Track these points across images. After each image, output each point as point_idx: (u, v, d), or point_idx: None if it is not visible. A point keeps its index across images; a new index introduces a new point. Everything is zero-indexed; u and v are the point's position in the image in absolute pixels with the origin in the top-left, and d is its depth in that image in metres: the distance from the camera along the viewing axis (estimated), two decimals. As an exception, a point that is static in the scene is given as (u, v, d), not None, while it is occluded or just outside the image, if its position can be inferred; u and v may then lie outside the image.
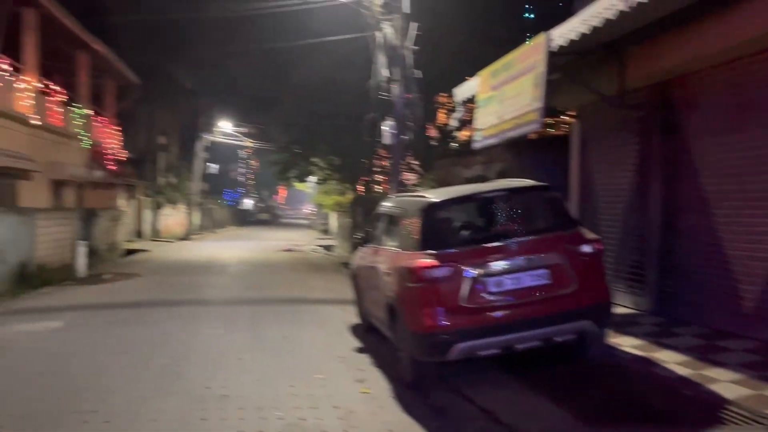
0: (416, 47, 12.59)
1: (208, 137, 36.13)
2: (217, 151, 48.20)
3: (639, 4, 5.34)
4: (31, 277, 12.37)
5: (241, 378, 6.02)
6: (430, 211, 5.71)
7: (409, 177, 20.29)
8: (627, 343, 6.27)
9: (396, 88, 12.70)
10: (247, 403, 5.23)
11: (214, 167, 53.87)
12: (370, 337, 7.63)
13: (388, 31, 12.73)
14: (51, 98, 18.50)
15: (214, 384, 5.79)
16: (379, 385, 5.74)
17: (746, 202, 6.12)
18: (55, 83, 19.20)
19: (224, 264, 18.44)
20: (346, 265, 9.32)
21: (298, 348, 7.26)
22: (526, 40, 7.90)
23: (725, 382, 4.94)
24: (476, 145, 9.14)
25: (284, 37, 18.01)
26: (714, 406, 4.57)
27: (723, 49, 5.90)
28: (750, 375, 5.02)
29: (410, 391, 5.46)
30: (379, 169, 23.21)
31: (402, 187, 14.17)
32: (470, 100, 9.92)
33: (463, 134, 18.57)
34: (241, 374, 6.16)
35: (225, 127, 37.73)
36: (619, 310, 7.59)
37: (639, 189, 7.80)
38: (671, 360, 5.62)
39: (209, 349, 7.23)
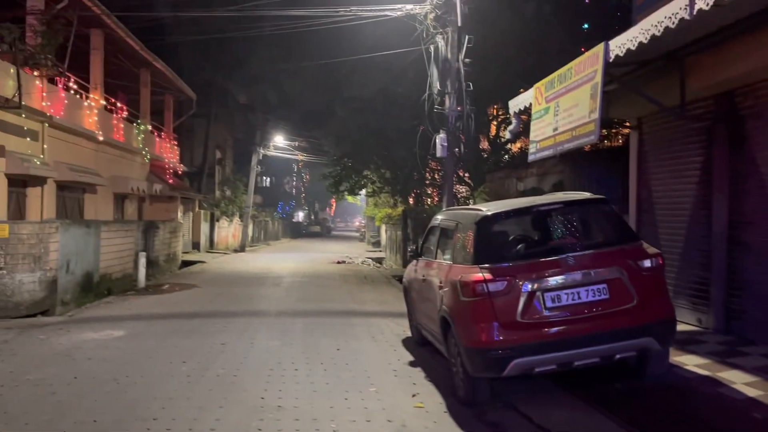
0: (469, 60, 12.57)
1: (262, 151, 36.92)
2: (270, 165, 49.19)
3: (700, 11, 5.19)
4: (95, 287, 12.87)
5: (296, 389, 6.08)
6: (484, 224, 5.66)
7: (461, 190, 20.21)
8: (690, 362, 6.04)
9: (448, 101, 12.70)
10: (302, 414, 5.27)
11: (267, 180, 54.96)
12: (422, 350, 7.59)
13: (440, 44, 12.77)
14: (115, 114, 19.32)
15: (269, 394, 5.87)
16: (432, 399, 5.70)
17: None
18: (118, 100, 20.06)
19: (278, 275, 18.72)
20: (399, 279, 9.32)
21: (351, 360, 7.28)
22: (580, 51, 7.77)
23: (800, 406, 4.69)
24: (531, 158, 9.02)
25: (338, 52, 18.30)
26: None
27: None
28: (826, 398, 4.75)
29: (464, 407, 5.40)
30: (429, 182, 23.21)
31: (454, 199, 14.11)
32: (524, 112, 9.82)
33: (516, 146, 18.41)
34: (296, 385, 6.22)
35: (278, 141, 38.50)
36: (681, 327, 7.31)
37: (702, 202, 7.54)
38: (739, 380, 5.38)
39: (264, 360, 7.34)
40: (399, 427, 4.98)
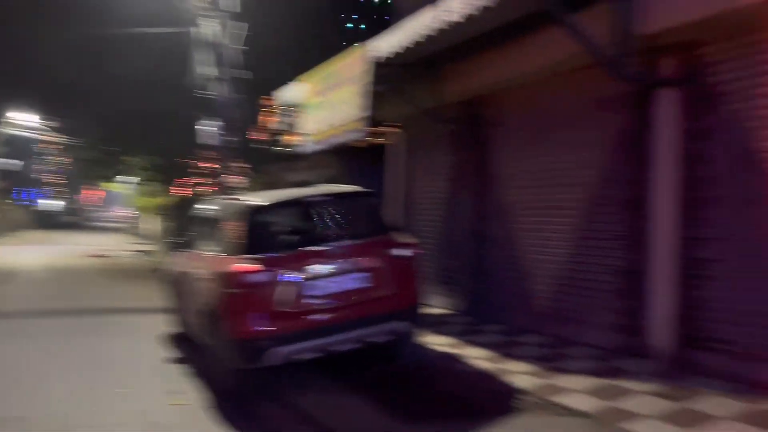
0: (245, 47, 12.34)
1: (6, 130, 32.19)
2: (18, 146, 43.26)
3: (450, 23, 5.74)
4: None
5: (44, 397, 5.45)
6: (251, 214, 5.60)
7: (237, 180, 19.79)
8: (441, 342, 6.66)
9: (221, 88, 12.33)
10: (50, 425, 4.73)
11: (15, 163, 48.30)
12: (188, 346, 7.27)
13: (213, 28, 12.34)
14: None
15: (11, 406, 5.17)
16: (196, 395, 5.49)
17: (535, 210, 6.92)
18: None
19: (22, 271, 16.54)
20: (163, 271, 8.83)
21: (108, 361, 6.71)
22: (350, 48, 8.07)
23: (520, 374, 5.44)
24: (304, 150, 9.17)
25: (101, 27, 16.63)
26: (511, 396, 5.01)
27: (519, 73, 6.59)
28: (542, 366, 5.58)
29: (229, 401, 5.29)
30: (205, 171, 22.36)
31: (228, 189, 13.78)
32: (296, 104, 9.93)
33: (289, 138, 18.55)
34: (44, 393, 5.58)
35: (28, 120, 33.82)
36: (437, 311, 8.06)
37: (453, 198, 8.36)
38: (476, 355, 6.08)
39: (6, 367, 6.44)
40: (158, 427, 4.71)
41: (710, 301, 5.02)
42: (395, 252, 5.62)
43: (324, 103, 8.08)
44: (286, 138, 17.96)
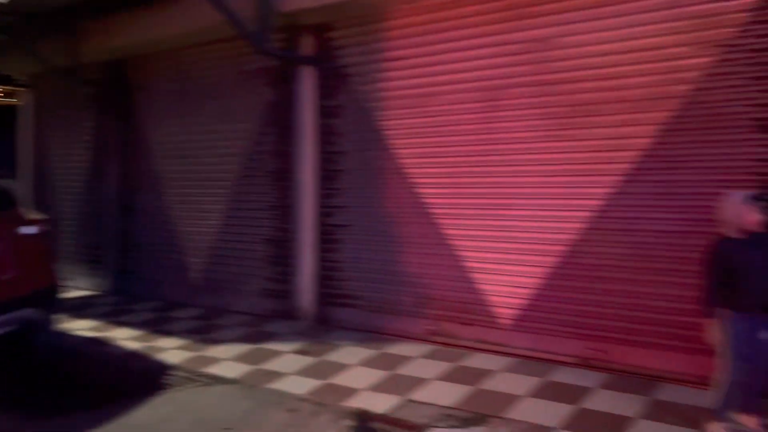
0: None
1: None
2: None
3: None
4: None
5: None
6: None
7: None
8: (83, 326, 6.12)
9: None
10: None
11: None
12: None
13: None
14: None
15: None
16: None
17: (188, 181, 6.79)
18: None
19: None
20: None
21: None
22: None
23: (172, 349, 5.31)
24: None
25: None
26: (160, 373, 4.84)
27: (164, 36, 6.32)
28: (193, 339, 5.54)
29: None
30: None
31: None
32: None
33: None
34: None
35: None
36: (80, 293, 7.39)
37: (97, 169, 7.66)
38: (125, 336, 5.73)
39: None
40: None
41: (342, 262, 5.61)
42: (18, 230, 4.89)
43: None
44: None
